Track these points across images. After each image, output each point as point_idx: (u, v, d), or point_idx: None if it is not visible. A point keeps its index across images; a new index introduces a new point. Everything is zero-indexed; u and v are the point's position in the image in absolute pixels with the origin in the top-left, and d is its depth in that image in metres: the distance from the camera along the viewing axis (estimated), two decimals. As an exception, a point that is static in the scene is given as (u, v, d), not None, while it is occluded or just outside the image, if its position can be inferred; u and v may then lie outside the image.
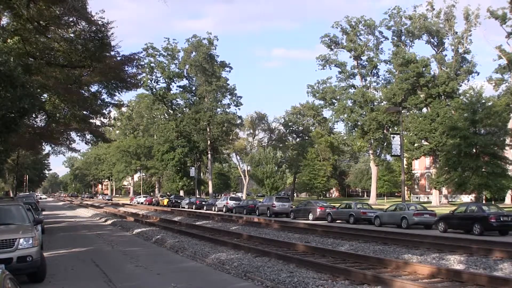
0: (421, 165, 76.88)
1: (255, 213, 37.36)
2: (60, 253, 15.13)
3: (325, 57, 65.68)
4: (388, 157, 70.56)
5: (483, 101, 40.34)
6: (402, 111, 46.00)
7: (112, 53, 24.80)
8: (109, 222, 30.80)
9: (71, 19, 21.06)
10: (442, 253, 14.46)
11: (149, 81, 71.43)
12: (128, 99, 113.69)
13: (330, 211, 30.61)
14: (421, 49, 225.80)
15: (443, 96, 54.74)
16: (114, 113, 54.12)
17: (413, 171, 78.55)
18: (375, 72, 64.92)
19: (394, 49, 59.89)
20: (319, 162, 75.78)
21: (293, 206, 36.40)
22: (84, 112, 29.70)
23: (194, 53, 70.18)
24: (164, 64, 72.65)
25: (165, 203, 57.51)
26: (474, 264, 12.50)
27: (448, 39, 57.84)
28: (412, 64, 54.77)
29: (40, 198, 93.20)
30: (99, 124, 33.07)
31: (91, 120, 31.63)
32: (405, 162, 49.55)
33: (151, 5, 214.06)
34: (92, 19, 21.07)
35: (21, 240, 9.50)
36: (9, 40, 19.41)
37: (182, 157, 72.13)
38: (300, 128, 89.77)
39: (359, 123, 62.40)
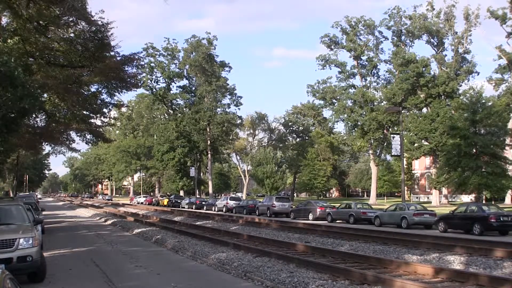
0: (421, 165, 76.87)
1: (255, 213, 37.34)
2: (60, 253, 15.13)
3: (325, 57, 65.74)
4: (388, 157, 70.66)
5: (483, 101, 40.34)
6: (402, 111, 45.99)
7: (112, 53, 24.81)
8: (109, 222, 30.79)
9: (71, 19, 21.09)
10: (442, 253, 14.45)
11: (149, 81, 71.40)
12: (128, 99, 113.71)
13: (330, 211, 30.61)
14: (421, 49, 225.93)
15: (443, 96, 54.74)
16: (114, 113, 54.11)
17: (413, 171, 78.51)
18: (375, 72, 65.04)
19: (394, 49, 59.94)
20: (319, 162, 75.74)
21: (293, 206, 36.37)
22: (84, 112, 29.69)
23: (193, 53, 70.18)
24: (164, 64, 72.64)
25: (165, 203, 57.51)
26: (474, 264, 12.50)
27: (448, 39, 57.97)
28: (412, 64, 54.80)
29: (40, 199, 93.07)
30: (99, 124, 33.08)
31: (91, 120, 31.63)
32: (405, 162, 49.54)
33: (151, 5, 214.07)
34: (92, 19, 21.09)
35: (21, 240, 9.49)
36: (9, 40, 19.43)
37: (182, 157, 72.08)
38: (300, 128, 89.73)
39: (359, 123, 62.41)
